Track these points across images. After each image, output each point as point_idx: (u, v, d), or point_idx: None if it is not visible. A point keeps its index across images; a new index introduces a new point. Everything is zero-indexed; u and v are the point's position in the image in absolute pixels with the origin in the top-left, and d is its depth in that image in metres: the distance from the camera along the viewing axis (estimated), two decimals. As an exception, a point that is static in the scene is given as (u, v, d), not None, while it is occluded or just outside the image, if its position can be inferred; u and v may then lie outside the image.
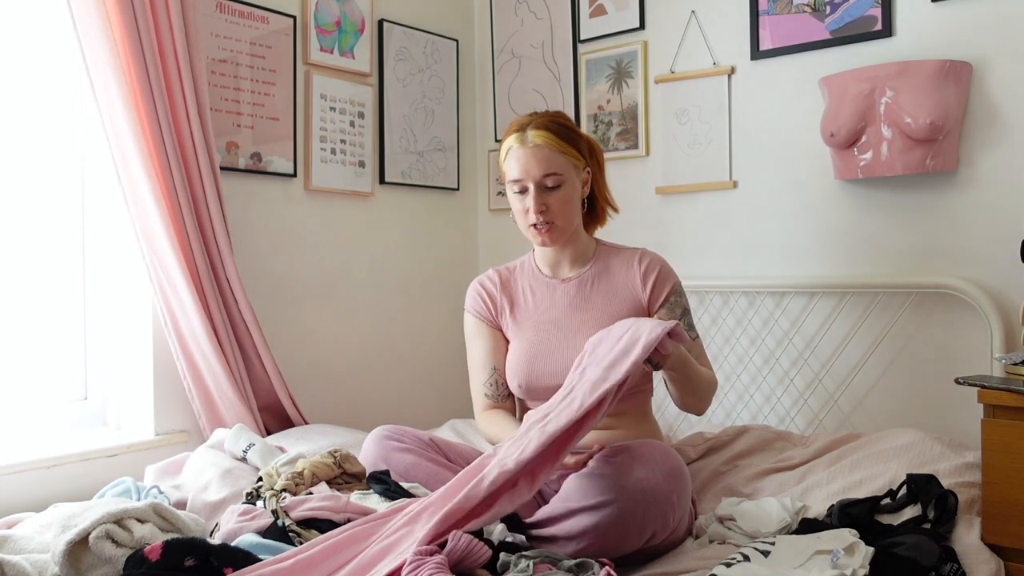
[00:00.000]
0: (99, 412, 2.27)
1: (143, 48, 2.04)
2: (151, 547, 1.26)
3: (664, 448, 1.58)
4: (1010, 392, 1.58)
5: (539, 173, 1.75)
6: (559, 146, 1.77)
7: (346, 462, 1.65)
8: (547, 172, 1.75)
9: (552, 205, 1.77)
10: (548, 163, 1.75)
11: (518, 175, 1.77)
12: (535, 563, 1.27)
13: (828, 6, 2.34)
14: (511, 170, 1.79)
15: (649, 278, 1.84)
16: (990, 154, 2.12)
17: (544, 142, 1.76)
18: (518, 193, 1.80)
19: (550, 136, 1.76)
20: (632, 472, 1.46)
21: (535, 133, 1.77)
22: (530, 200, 1.76)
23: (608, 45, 2.80)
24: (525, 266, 1.96)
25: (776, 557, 1.39)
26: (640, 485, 1.44)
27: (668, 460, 1.54)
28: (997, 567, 1.49)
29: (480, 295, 1.93)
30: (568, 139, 1.79)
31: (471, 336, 1.93)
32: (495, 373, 1.88)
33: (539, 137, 1.76)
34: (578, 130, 1.85)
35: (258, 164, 2.44)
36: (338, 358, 2.68)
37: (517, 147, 1.78)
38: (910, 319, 2.23)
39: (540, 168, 1.75)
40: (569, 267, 1.90)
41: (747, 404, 2.50)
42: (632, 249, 1.91)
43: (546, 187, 1.76)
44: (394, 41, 2.83)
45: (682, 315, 1.84)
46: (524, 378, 1.81)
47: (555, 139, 1.76)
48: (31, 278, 2.14)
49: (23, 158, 2.13)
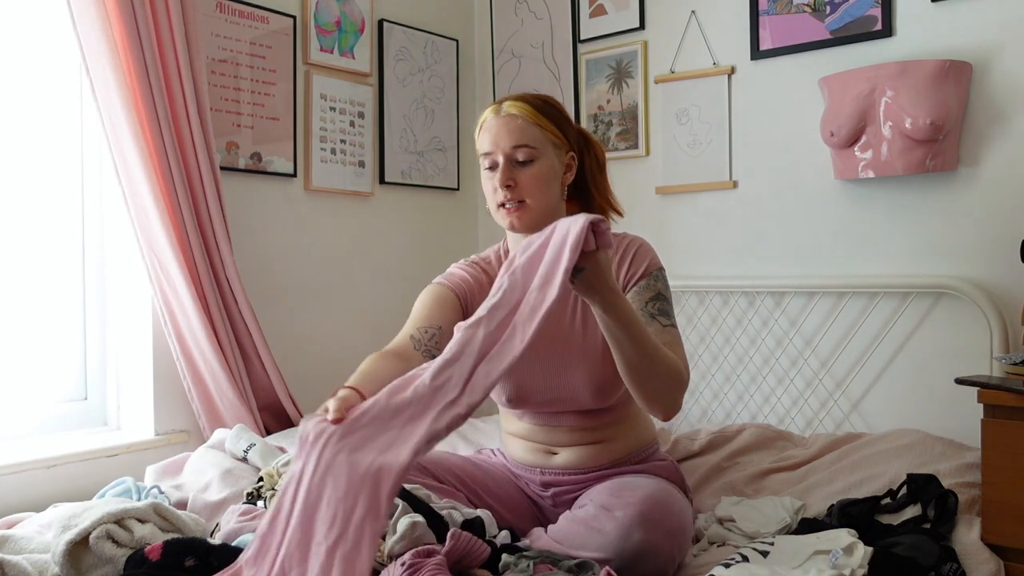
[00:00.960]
0: (99, 412, 2.27)
1: (143, 48, 2.04)
2: (151, 547, 1.26)
3: (666, 500, 1.48)
4: (1010, 392, 1.58)
5: (509, 144, 1.58)
6: (534, 118, 1.60)
7: (346, 462, 1.64)
8: (518, 143, 1.58)
9: (522, 181, 1.58)
10: (520, 134, 1.58)
11: (488, 147, 1.61)
12: (535, 563, 1.27)
13: (828, 6, 2.34)
14: (482, 143, 1.63)
15: (626, 260, 1.64)
16: (990, 154, 2.12)
17: (518, 112, 1.60)
18: (488, 169, 1.62)
19: (526, 107, 1.61)
20: (632, 534, 1.39)
21: (510, 104, 1.62)
22: (498, 175, 1.59)
23: (608, 45, 2.80)
24: (499, 259, 1.72)
25: (775, 557, 1.39)
26: (640, 548, 1.38)
27: (670, 518, 1.45)
28: (997, 567, 1.49)
29: (462, 276, 1.68)
30: (547, 114, 1.62)
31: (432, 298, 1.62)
32: (438, 331, 1.56)
33: (513, 107, 1.61)
34: (566, 114, 1.69)
35: (258, 164, 2.44)
36: (338, 358, 2.67)
37: (491, 118, 1.62)
38: (910, 319, 2.23)
39: (511, 139, 1.58)
40: None
41: (747, 404, 2.50)
42: (617, 235, 1.68)
43: (516, 161, 1.58)
44: (394, 41, 2.83)
45: (654, 298, 1.58)
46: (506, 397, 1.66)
47: (530, 110, 1.60)
48: (31, 278, 2.14)
49: (23, 158, 2.13)
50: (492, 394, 1.61)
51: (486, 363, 1.18)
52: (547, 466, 1.69)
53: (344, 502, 1.07)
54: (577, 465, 1.66)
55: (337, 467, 1.10)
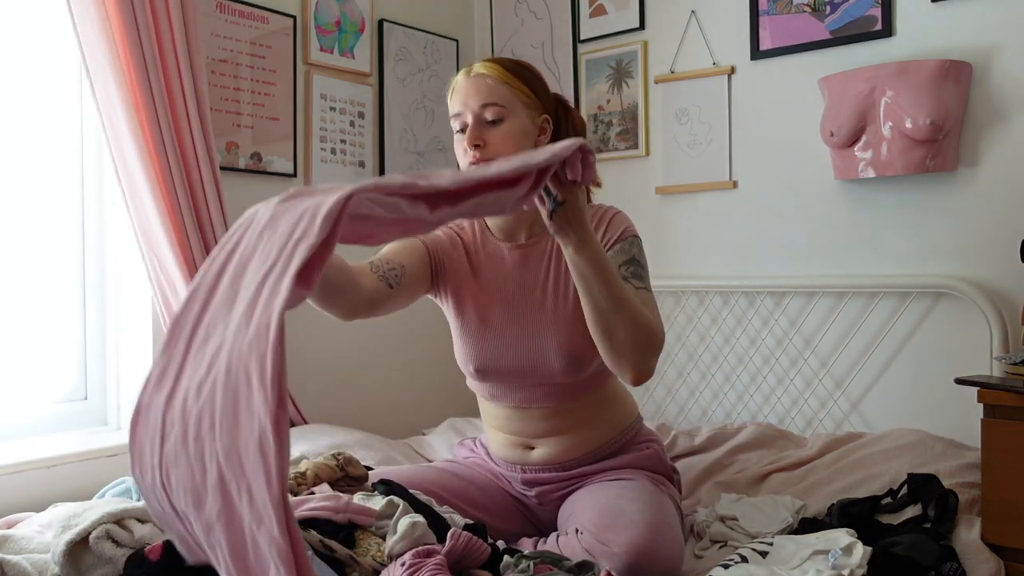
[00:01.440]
0: (99, 412, 2.27)
1: (143, 48, 2.03)
2: (151, 547, 1.26)
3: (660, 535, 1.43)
4: (1010, 392, 1.58)
5: (477, 103, 1.53)
6: (504, 77, 1.55)
7: (349, 465, 1.64)
8: (486, 102, 1.53)
9: (491, 140, 1.52)
10: (489, 93, 1.53)
11: (458, 108, 1.55)
12: (536, 563, 1.27)
13: (828, 6, 2.34)
14: (453, 104, 1.57)
15: (601, 226, 1.58)
16: (990, 154, 2.12)
17: (488, 71, 1.55)
18: (459, 132, 1.56)
19: (496, 67, 1.56)
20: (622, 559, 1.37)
21: (481, 64, 1.57)
22: (467, 136, 1.53)
23: (608, 45, 2.80)
24: (475, 228, 1.68)
25: (773, 558, 1.39)
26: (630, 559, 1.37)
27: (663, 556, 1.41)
28: (997, 567, 1.49)
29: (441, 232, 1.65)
30: (518, 75, 1.57)
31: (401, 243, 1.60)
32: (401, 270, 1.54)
33: (484, 67, 1.56)
34: (542, 78, 1.63)
35: (258, 164, 2.44)
36: (338, 358, 2.68)
37: (461, 79, 1.57)
38: (910, 319, 2.23)
39: (480, 98, 1.53)
40: (527, 232, 1.63)
41: (747, 404, 2.50)
42: (593, 207, 1.64)
43: (485, 120, 1.53)
44: (394, 41, 2.83)
45: (627, 262, 1.53)
46: (477, 365, 1.62)
47: (501, 70, 1.56)
48: (31, 278, 2.14)
49: (23, 158, 2.13)
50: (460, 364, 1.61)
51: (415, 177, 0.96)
52: (527, 463, 1.67)
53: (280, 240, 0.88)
54: (556, 460, 1.64)
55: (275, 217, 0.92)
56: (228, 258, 0.92)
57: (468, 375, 1.67)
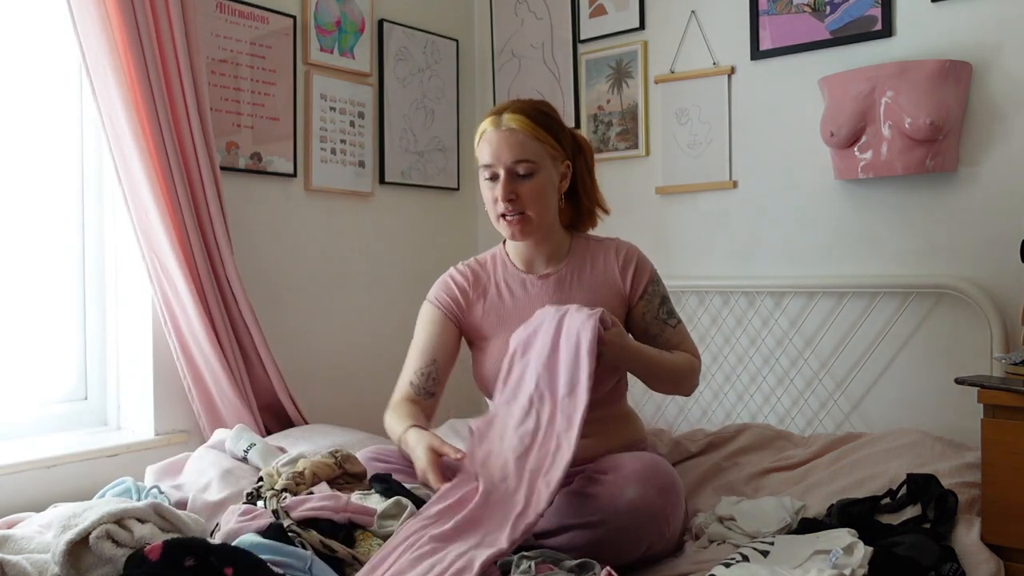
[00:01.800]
0: (99, 412, 2.27)
1: (143, 48, 2.04)
2: (151, 547, 1.26)
3: (655, 462, 1.55)
4: (1010, 392, 1.58)
5: (510, 159, 1.65)
6: (534, 132, 1.66)
7: (347, 462, 1.64)
8: (519, 158, 1.65)
9: (523, 194, 1.66)
10: (521, 149, 1.65)
11: (489, 160, 1.67)
12: (537, 563, 1.28)
13: (828, 6, 2.34)
14: (482, 154, 1.69)
15: (628, 270, 1.77)
16: (990, 154, 2.12)
17: (519, 127, 1.65)
18: (488, 180, 1.69)
19: (526, 121, 1.66)
20: (624, 492, 1.44)
21: (510, 117, 1.66)
22: (499, 188, 1.66)
23: (608, 45, 2.80)
24: (497, 260, 1.84)
25: (775, 557, 1.39)
26: (633, 505, 1.43)
27: (660, 475, 1.51)
28: (997, 567, 1.49)
29: (449, 290, 1.81)
30: (546, 127, 1.69)
31: (425, 323, 1.81)
32: (434, 365, 1.75)
33: (514, 121, 1.66)
34: (561, 122, 1.76)
35: (258, 164, 2.44)
36: (338, 358, 2.68)
37: (491, 130, 1.68)
38: (910, 319, 2.23)
39: (512, 153, 1.65)
40: (545, 263, 1.79)
41: (747, 404, 2.50)
42: (608, 240, 1.83)
43: (517, 174, 1.66)
44: (394, 41, 2.83)
45: (661, 303, 1.77)
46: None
47: (531, 124, 1.66)
48: (31, 278, 2.14)
49: (23, 158, 2.13)
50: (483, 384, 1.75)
51: (543, 476, 1.40)
52: None
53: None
54: None
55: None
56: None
57: (488, 395, 1.75)
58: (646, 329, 1.76)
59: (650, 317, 1.75)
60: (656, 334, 1.75)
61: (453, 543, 1.30)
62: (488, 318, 1.78)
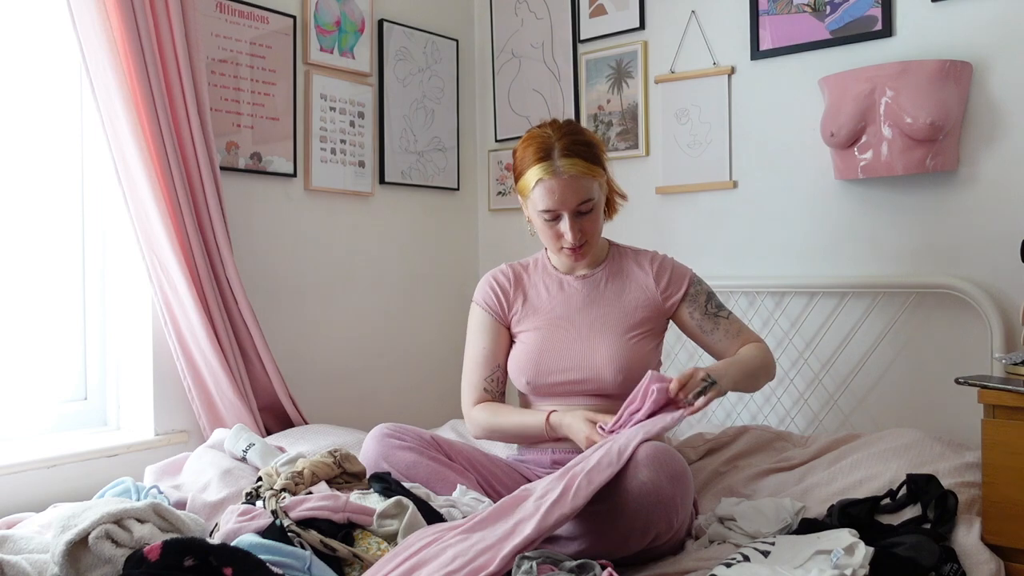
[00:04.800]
0: (99, 412, 2.27)
1: (143, 48, 2.04)
2: (151, 547, 1.26)
3: (667, 450, 1.55)
4: (1010, 392, 1.58)
5: (575, 203, 1.74)
6: (590, 171, 1.75)
7: (346, 462, 1.65)
8: (583, 200, 1.75)
9: (587, 229, 1.79)
10: (584, 192, 1.75)
11: (552, 206, 1.75)
12: (538, 564, 1.27)
13: (828, 6, 2.34)
14: (542, 201, 1.75)
15: (662, 279, 1.88)
16: (990, 154, 2.12)
17: (577, 172, 1.73)
18: (549, 220, 1.78)
19: (581, 164, 1.74)
20: (637, 475, 1.44)
21: (566, 163, 1.73)
22: (565, 227, 1.76)
23: (608, 45, 2.80)
24: (539, 264, 1.97)
25: (776, 557, 1.39)
26: (644, 488, 1.42)
27: (672, 463, 1.51)
28: (997, 567, 1.49)
29: (493, 289, 1.93)
30: (594, 160, 1.78)
31: (477, 330, 1.93)
32: (499, 370, 1.90)
33: (571, 167, 1.73)
34: (593, 139, 1.83)
35: (258, 164, 2.44)
36: (338, 358, 2.68)
37: (548, 179, 1.73)
38: (910, 319, 2.23)
39: (576, 198, 1.74)
40: (584, 266, 1.91)
41: (747, 404, 2.50)
42: (644, 251, 1.95)
43: (580, 213, 1.76)
44: (394, 41, 2.83)
45: (708, 300, 1.88)
46: (533, 374, 1.82)
47: (586, 165, 1.74)
48: (31, 278, 2.14)
49: (23, 158, 2.13)
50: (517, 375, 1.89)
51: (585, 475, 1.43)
52: (558, 447, 1.81)
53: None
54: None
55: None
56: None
57: (522, 386, 1.87)
58: (700, 325, 1.88)
59: (699, 314, 1.87)
60: (711, 329, 1.87)
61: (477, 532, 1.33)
62: (525, 313, 1.90)
